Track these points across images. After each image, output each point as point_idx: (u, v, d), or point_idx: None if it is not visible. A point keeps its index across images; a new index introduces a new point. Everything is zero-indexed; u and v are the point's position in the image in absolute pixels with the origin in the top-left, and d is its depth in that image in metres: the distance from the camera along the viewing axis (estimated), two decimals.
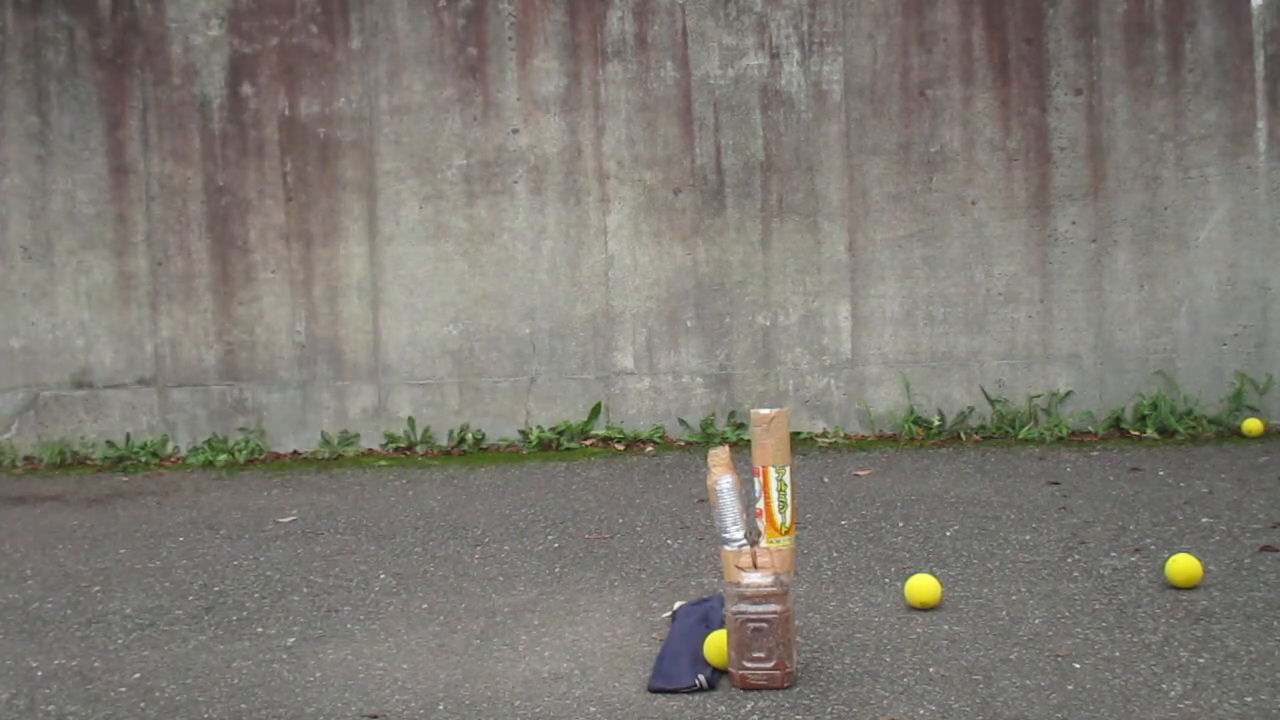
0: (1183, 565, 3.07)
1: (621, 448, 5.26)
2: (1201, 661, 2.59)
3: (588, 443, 5.33)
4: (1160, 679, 2.50)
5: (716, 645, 2.60)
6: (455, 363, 5.42)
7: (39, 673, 2.85)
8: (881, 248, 5.27)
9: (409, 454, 5.37)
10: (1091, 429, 5.17)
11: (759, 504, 2.58)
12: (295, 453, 5.45)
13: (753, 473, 2.62)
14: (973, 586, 3.17)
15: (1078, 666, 2.59)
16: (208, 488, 4.88)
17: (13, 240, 5.50)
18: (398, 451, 5.40)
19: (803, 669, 2.65)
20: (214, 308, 5.47)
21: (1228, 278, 5.14)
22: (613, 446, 5.28)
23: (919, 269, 5.26)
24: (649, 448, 5.25)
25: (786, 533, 2.56)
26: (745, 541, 2.56)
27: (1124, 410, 5.17)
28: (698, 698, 2.52)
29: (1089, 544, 3.51)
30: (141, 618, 3.23)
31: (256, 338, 5.47)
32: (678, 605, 3.01)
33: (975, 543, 3.59)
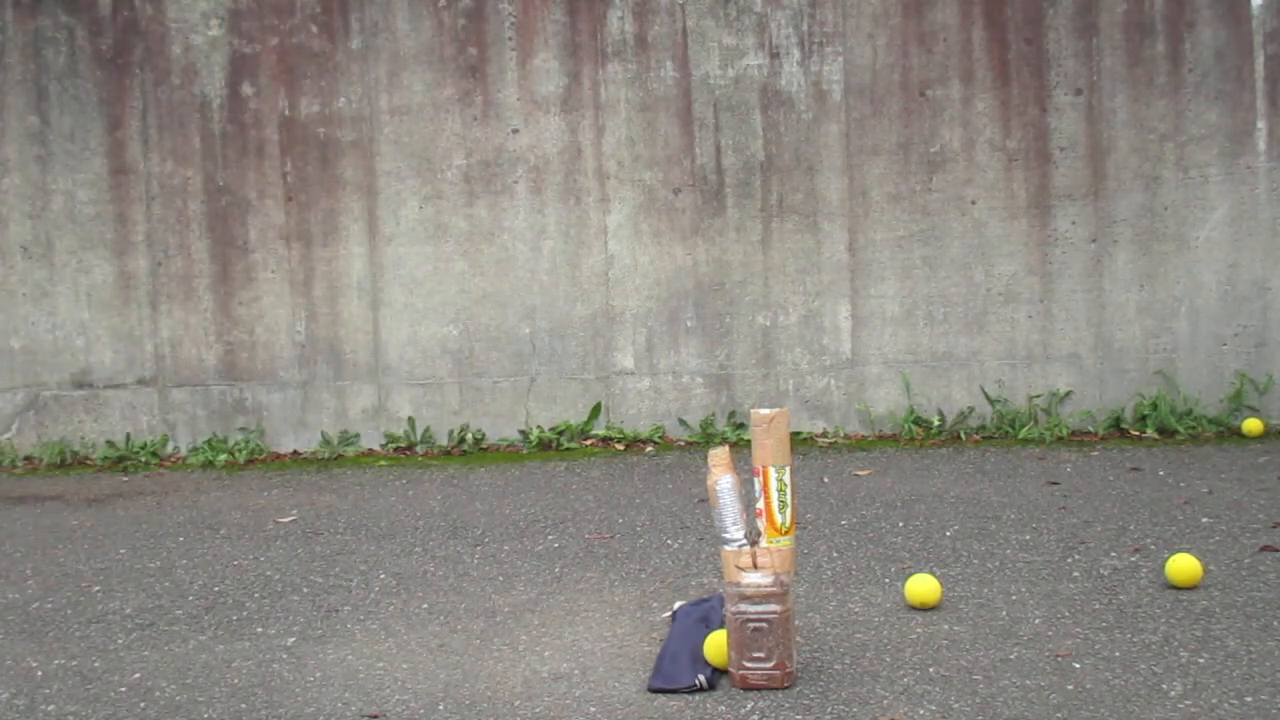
0: (1183, 565, 3.07)
1: (621, 448, 5.26)
2: (1201, 661, 2.59)
3: (588, 443, 5.33)
4: (1160, 679, 2.50)
5: (716, 645, 2.60)
6: (455, 363, 5.42)
7: (39, 673, 2.85)
8: (881, 248, 5.27)
9: (409, 454, 5.37)
10: (1091, 429, 5.17)
11: (759, 504, 2.58)
12: (295, 453, 5.45)
13: (753, 473, 2.62)
14: (973, 586, 3.17)
15: (1078, 666, 2.59)
16: (208, 488, 4.88)
17: (13, 240, 5.50)
18: (398, 451, 5.40)
19: (803, 669, 2.65)
20: (214, 308, 5.47)
21: (1228, 278, 5.14)
22: (613, 446, 5.28)
23: (919, 269, 5.26)
24: (649, 448, 5.25)
25: (786, 533, 2.56)
26: (745, 541, 2.56)
27: (1124, 410, 5.17)
28: (698, 698, 2.52)
29: (1089, 544, 3.51)
30: (141, 618, 3.23)
31: (256, 338, 5.47)
32: (678, 605, 3.01)
33: (975, 543, 3.59)
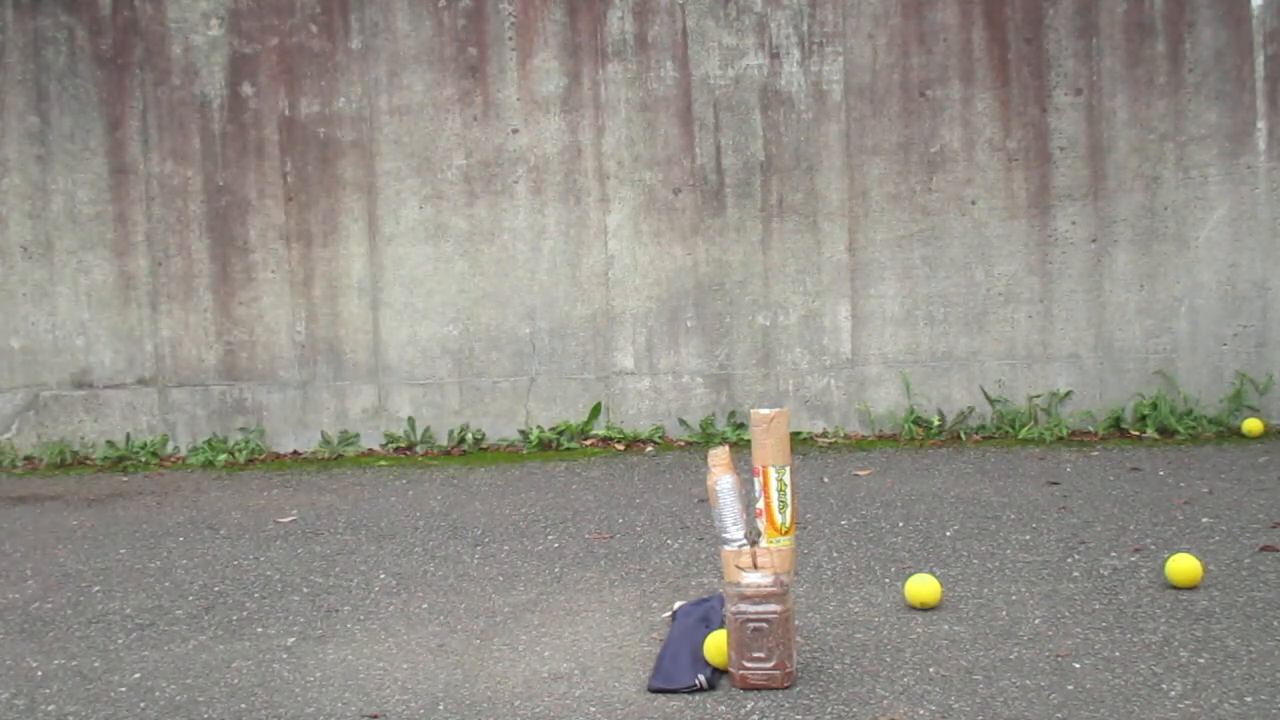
0: (1183, 565, 3.07)
1: (621, 448, 5.26)
2: (1201, 661, 2.59)
3: (588, 443, 5.33)
4: (1160, 679, 2.50)
5: (716, 645, 2.60)
6: (455, 363, 5.42)
7: (39, 673, 2.85)
8: (881, 248, 5.27)
9: (409, 454, 5.37)
10: (1091, 429, 5.17)
11: (759, 504, 2.58)
12: (295, 453, 5.45)
13: (753, 473, 2.62)
14: (973, 586, 3.17)
15: (1078, 666, 2.59)
16: (208, 488, 4.88)
17: (13, 240, 5.50)
18: (398, 451, 5.40)
19: (803, 669, 2.65)
20: (214, 308, 5.47)
21: (1228, 278, 5.14)
22: (613, 446, 5.28)
23: (919, 269, 5.26)
24: (649, 448, 5.25)
25: (786, 533, 2.56)
26: (745, 541, 2.56)
27: (1124, 410, 5.17)
28: (698, 698, 2.52)
29: (1089, 544, 3.51)
30: (141, 618, 3.23)
31: (256, 338, 5.47)
32: (678, 605, 3.01)
33: (975, 543, 3.59)
